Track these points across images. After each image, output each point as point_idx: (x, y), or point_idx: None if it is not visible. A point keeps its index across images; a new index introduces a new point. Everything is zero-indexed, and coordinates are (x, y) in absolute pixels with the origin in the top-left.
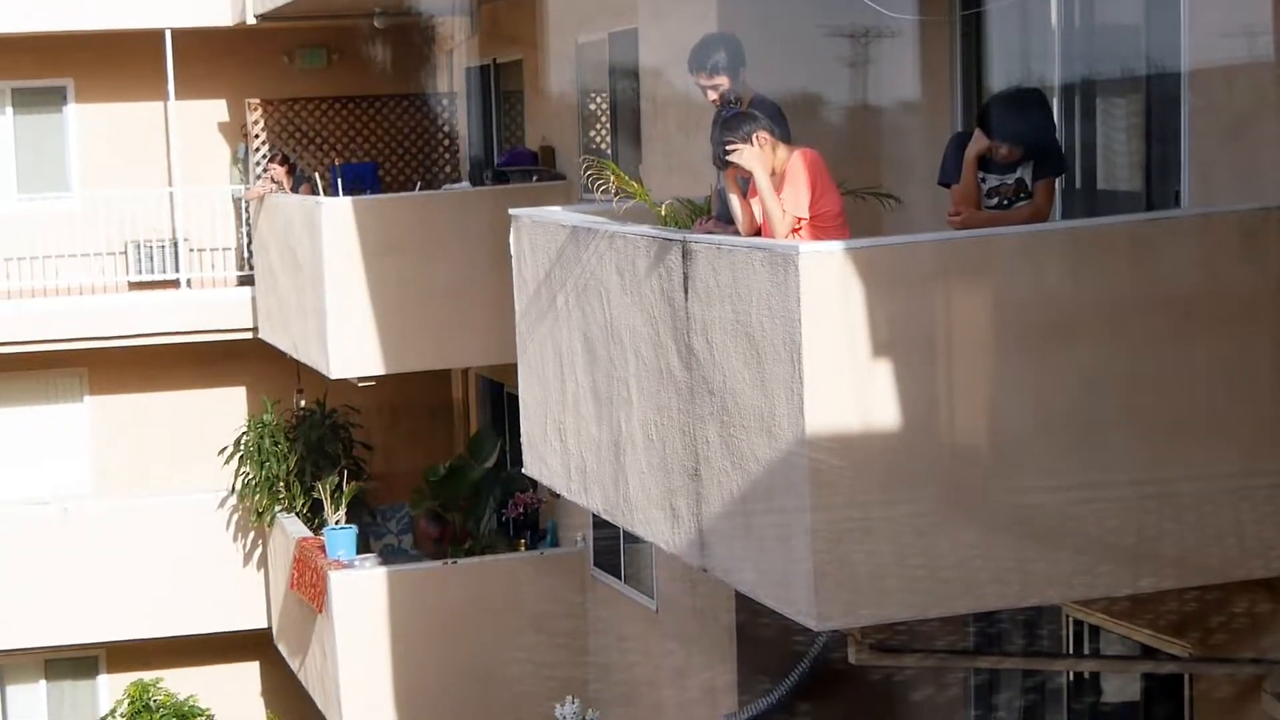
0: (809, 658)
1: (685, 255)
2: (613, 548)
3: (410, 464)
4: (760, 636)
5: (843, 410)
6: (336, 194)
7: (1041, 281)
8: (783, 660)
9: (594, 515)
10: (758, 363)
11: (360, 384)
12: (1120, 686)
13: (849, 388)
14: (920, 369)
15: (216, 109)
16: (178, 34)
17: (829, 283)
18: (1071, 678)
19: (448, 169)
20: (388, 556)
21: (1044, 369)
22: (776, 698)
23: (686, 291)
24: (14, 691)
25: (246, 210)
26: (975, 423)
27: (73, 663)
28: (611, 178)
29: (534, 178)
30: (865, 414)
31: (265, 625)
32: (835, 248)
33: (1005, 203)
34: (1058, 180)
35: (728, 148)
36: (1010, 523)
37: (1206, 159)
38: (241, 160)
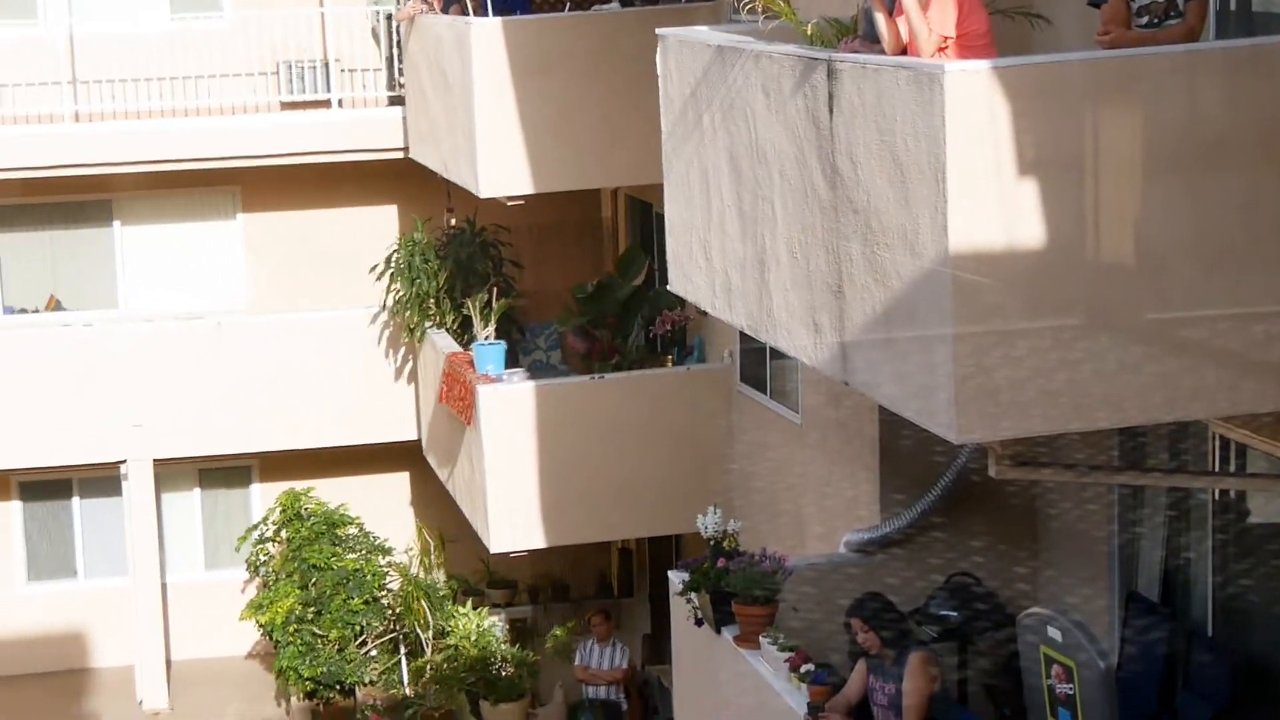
0: (951, 471)
1: (831, 75)
2: (758, 362)
3: (559, 282)
4: (903, 450)
5: (986, 228)
6: (486, 15)
7: (1193, 102)
8: (925, 474)
9: (740, 331)
10: (902, 181)
11: (509, 203)
12: (1265, 504)
13: (993, 206)
14: (1066, 189)
15: None
16: None
17: (974, 102)
18: (1216, 496)
19: None
20: (535, 371)
21: (1194, 190)
22: (920, 511)
23: (831, 111)
24: (169, 499)
25: (396, 31)
26: (1122, 241)
27: (226, 472)
28: None
29: None
30: (1009, 232)
31: (415, 437)
32: (981, 67)
33: (1156, 21)
34: None
35: None
36: (1155, 338)
37: None
38: None
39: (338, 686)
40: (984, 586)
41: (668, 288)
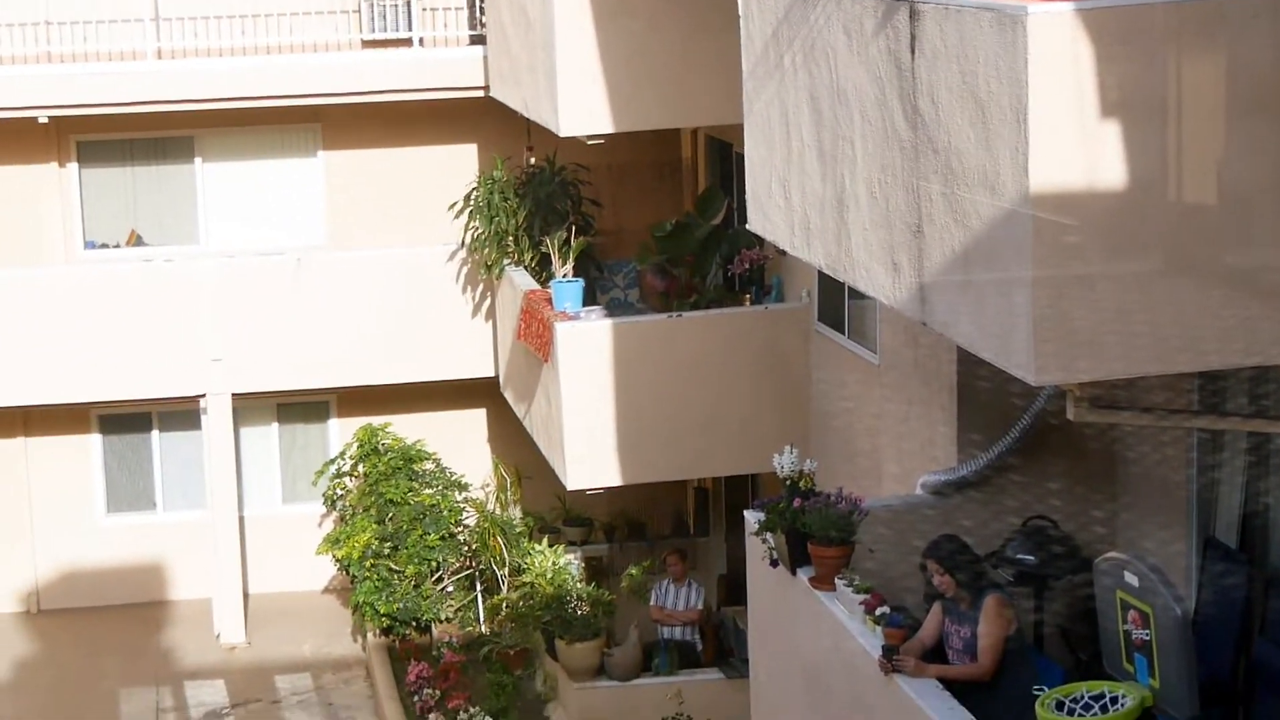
0: (1029, 413)
1: (913, 16)
2: (837, 302)
3: (638, 221)
4: (981, 391)
5: (1068, 169)
6: None
7: (1279, 44)
8: (1002, 416)
9: (818, 271)
10: (983, 123)
11: (589, 142)
12: None
13: (1075, 148)
14: (1149, 130)
15: None
16: None
17: (1057, 44)
18: None
19: None
20: (613, 309)
21: (1279, 131)
22: (997, 453)
23: (913, 52)
24: (248, 433)
25: None
26: (1204, 184)
27: (304, 407)
28: None
29: None
30: (1091, 173)
31: (492, 374)
32: (1064, 9)
33: None
34: None
35: None
36: (1237, 281)
37: None
38: None
39: (414, 623)
40: (1061, 531)
41: (746, 226)
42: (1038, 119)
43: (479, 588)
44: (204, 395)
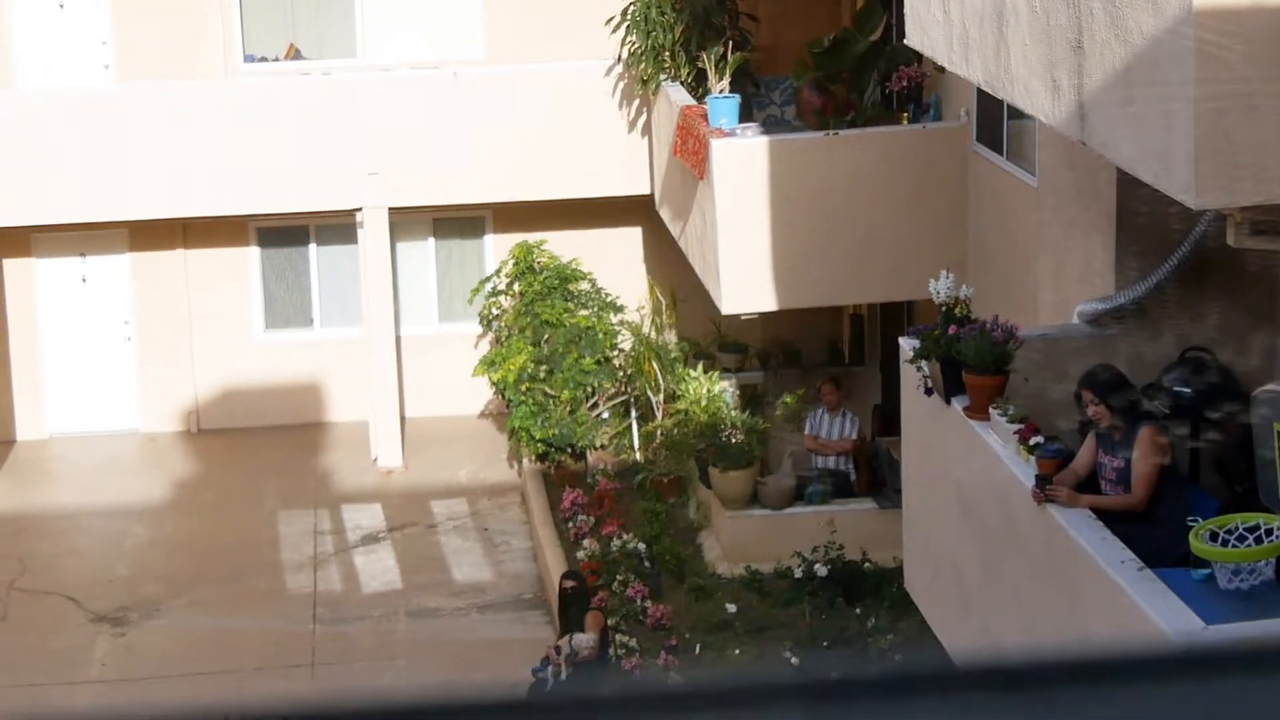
0: (1189, 239)
1: None
2: (995, 122)
3: (795, 36)
4: (1140, 216)
5: None
6: None
7: None
8: (1161, 242)
9: (977, 90)
10: None
11: None
12: None
13: None
14: None
15: None
16: None
17: None
18: None
19: None
20: (770, 126)
21: None
22: (1155, 281)
23: None
24: (404, 248)
25: None
26: None
27: (460, 222)
28: None
29: None
30: None
31: (647, 191)
32: None
33: None
34: None
35: None
36: None
37: None
38: None
39: (569, 449)
40: (1218, 361)
41: (905, 42)
42: None
43: (634, 414)
44: (360, 209)
